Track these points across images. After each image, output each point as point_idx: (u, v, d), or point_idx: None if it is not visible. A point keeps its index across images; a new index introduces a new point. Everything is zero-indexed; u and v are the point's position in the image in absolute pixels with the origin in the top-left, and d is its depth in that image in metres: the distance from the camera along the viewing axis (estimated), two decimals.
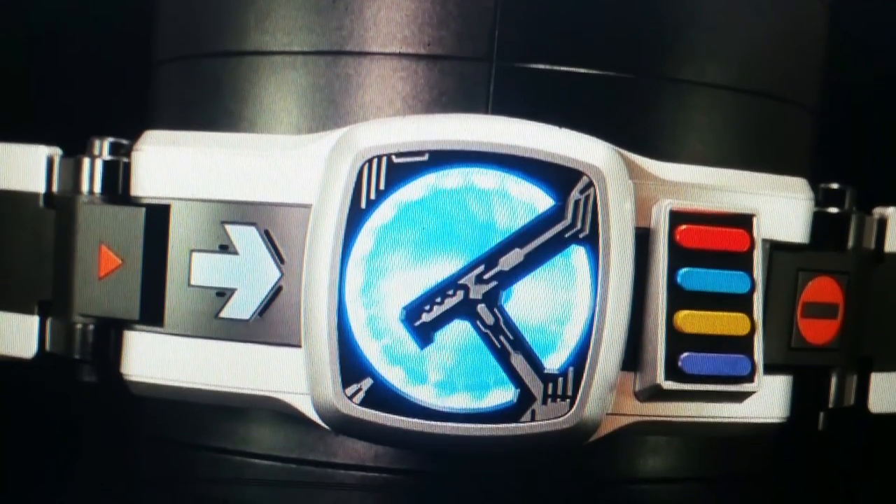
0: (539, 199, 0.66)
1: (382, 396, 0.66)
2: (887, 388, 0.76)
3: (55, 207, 0.73)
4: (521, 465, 0.70)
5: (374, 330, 0.66)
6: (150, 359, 0.71)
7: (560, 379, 0.66)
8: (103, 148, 0.72)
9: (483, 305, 0.66)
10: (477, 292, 0.66)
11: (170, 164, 0.70)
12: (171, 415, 0.75)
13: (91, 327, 0.72)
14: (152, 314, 0.70)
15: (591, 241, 0.66)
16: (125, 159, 0.72)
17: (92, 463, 0.88)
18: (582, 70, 0.69)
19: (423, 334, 0.66)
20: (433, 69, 0.69)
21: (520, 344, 0.66)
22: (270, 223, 0.68)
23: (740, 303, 0.68)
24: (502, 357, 0.66)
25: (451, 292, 0.66)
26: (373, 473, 0.71)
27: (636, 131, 0.70)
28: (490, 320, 0.66)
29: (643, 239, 0.67)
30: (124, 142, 0.72)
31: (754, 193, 0.70)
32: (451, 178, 0.66)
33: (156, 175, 0.70)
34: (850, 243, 0.74)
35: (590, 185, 0.66)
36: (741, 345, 0.68)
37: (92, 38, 0.92)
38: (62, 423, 0.90)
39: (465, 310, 0.66)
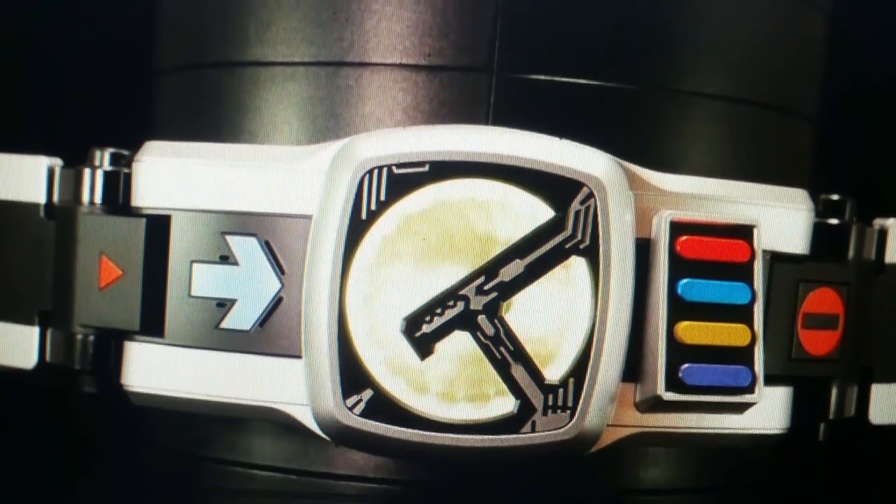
0: (540, 210, 0.66)
1: (383, 407, 0.65)
2: (888, 400, 0.76)
3: (56, 218, 0.73)
4: (521, 476, 0.70)
5: (375, 341, 0.66)
6: (151, 369, 0.71)
7: (560, 390, 0.66)
8: (104, 158, 0.72)
9: (484, 316, 0.66)
10: (477, 303, 0.66)
11: (170, 175, 0.70)
12: (171, 426, 0.75)
13: (91, 338, 0.72)
14: (153, 325, 0.70)
15: (592, 252, 0.66)
16: (126, 170, 0.72)
17: (93, 474, 0.88)
18: (582, 81, 0.69)
19: (424, 345, 0.66)
20: (433, 80, 0.69)
21: (520, 355, 0.66)
22: (271, 234, 0.68)
23: (741, 314, 0.68)
24: (503, 368, 0.66)
25: (451, 303, 0.66)
26: (373, 484, 0.71)
27: (636, 142, 0.70)
28: (490, 331, 0.66)
29: (643, 250, 0.67)
30: (125, 152, 0.72)
31: (755, 204, 0.70)
32: (452, 188, 0.66)
33: (156, 186, 0.70)
34: (851, 254, 0.74)
35: (590, 195, 0.66)
36: (742, 356, 0.68)
37: (92, 47, 0.92)
38: (63, 434, 0.90)
39: (466, 321, 0.66)
